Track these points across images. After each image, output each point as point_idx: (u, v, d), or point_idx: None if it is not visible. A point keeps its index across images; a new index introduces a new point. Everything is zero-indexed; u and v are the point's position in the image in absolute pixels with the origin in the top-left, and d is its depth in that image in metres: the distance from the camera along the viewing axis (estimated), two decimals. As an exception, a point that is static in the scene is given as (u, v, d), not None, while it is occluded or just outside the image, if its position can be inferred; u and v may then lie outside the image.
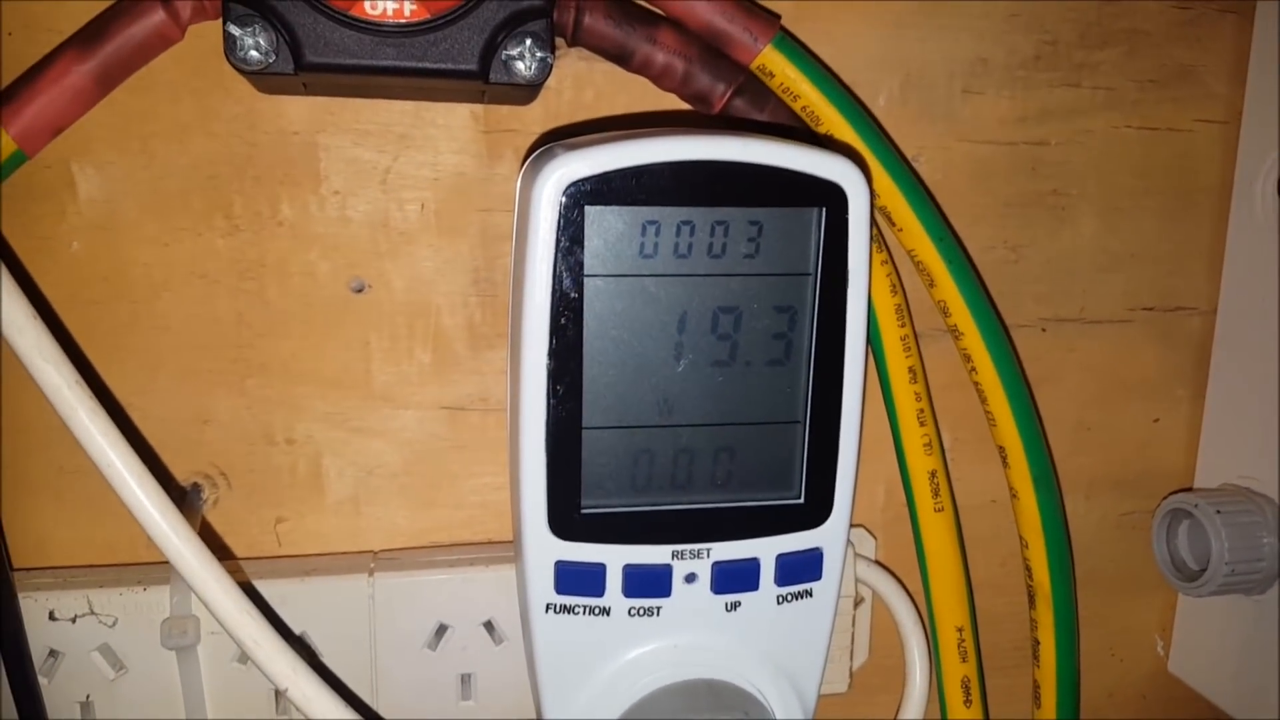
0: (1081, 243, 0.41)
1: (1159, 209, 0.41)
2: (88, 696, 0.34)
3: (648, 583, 0.30)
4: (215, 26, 0.31)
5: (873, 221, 0.29)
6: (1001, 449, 0.37)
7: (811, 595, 0.31)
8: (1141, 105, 0.40)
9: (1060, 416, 0.42)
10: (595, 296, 0.28)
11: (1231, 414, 0.41)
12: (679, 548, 0.30)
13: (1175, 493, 0.42)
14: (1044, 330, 0.41)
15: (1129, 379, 0.42)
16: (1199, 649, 0.44)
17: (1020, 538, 0.38)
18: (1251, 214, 0.40)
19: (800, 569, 0.31)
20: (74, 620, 0.34)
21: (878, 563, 0.40)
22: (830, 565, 0.31)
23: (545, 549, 0.29)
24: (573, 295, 0.28)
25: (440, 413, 0.37)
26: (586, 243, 0.28)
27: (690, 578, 0.30)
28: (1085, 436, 0.42)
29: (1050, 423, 0.41)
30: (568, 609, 0.30)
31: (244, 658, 0.35)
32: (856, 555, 0.39)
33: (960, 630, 0.37)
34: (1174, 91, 0.40)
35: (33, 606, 0.33)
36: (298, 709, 0.29)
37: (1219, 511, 0.39)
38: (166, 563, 0.30)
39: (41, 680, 0.34)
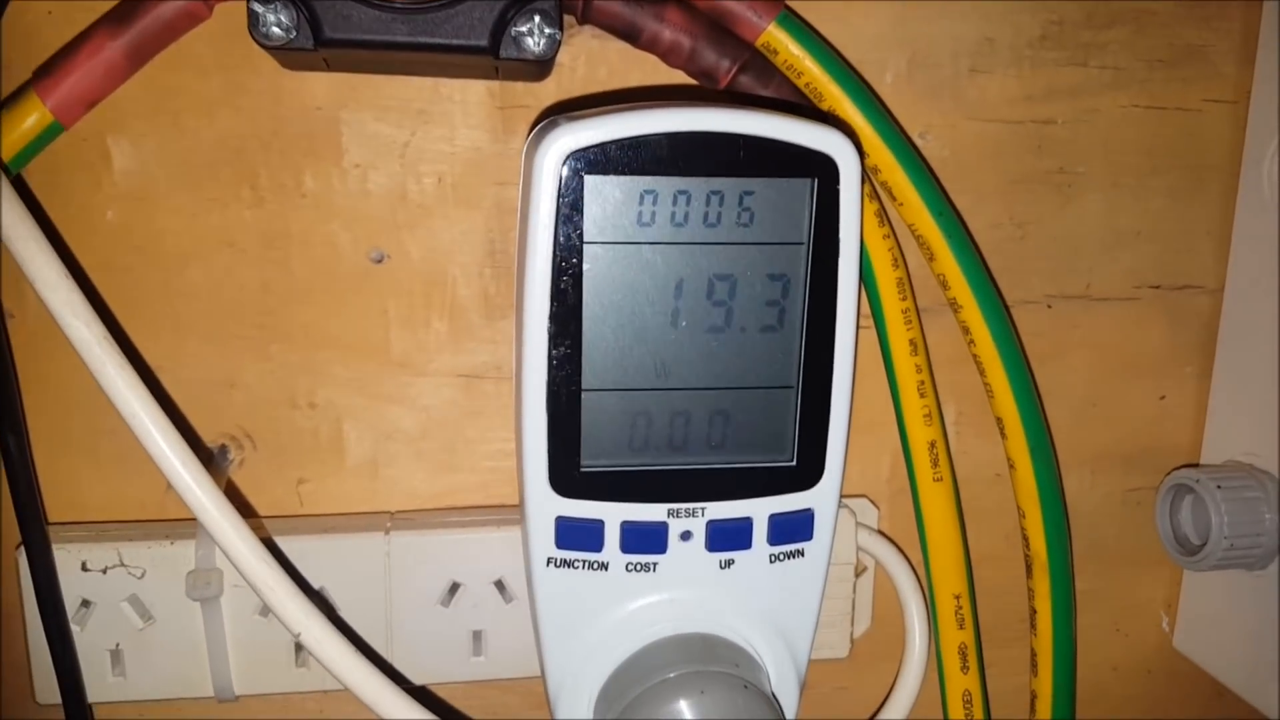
0: (1088, 220, 0.41)
1: (1166, 188, 0.41)
2: (117, 645, 0.36)
3: (644, 539, 0.31)
4: (242, 5, 0.32)
5: (864, 192, 0.30)
6: (999, 420, 0.38)
7: (803, 555, 0.32)
8: (1149, 85, 0.40)
9: (1066, 393, 0.42)
10: (594, 263, 0.29)
11: (1237, 392, 0.42)
12: (675, 506, 0.31)
13: (1179, 468, 0.42)
14: (1050, 307, 0.42)
15: (1135, 356, 0.43)
16: (1204, 625, 0.44)
17: (1018, 508, 0.39)
18: (1259, 193, 0.40)
19: (792, 529, 0.32)
20: (105, 571, 0.35)
21: (880, 532, 0.41)
22: (821, 526, 0.32)
23: (546, 505, 0.31)
24: (573, 261, 0.29)
25: (456, 380, 0.39)
26: (586, 211, 0.29)
27: (685, 535, 0.31)
28: (1091, 413, 0.43)
29: (1056, 399, 0.42)
30: (568, 563, 0.31)
31: (265, 610, 0.36)
32: (859, 524, 0.40)
33: (958, 598, 0.38)
34: (1182, 71, 0.41)
35: (66, 558, 0.35)
36: (311, 653, 0.31)
37: (1220, 486, 0.39)
38: (192, 519, 0.32)
39: (74, 628, 0.35)
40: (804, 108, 0.35)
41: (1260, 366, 0.40)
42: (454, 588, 0.37)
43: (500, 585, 0.38)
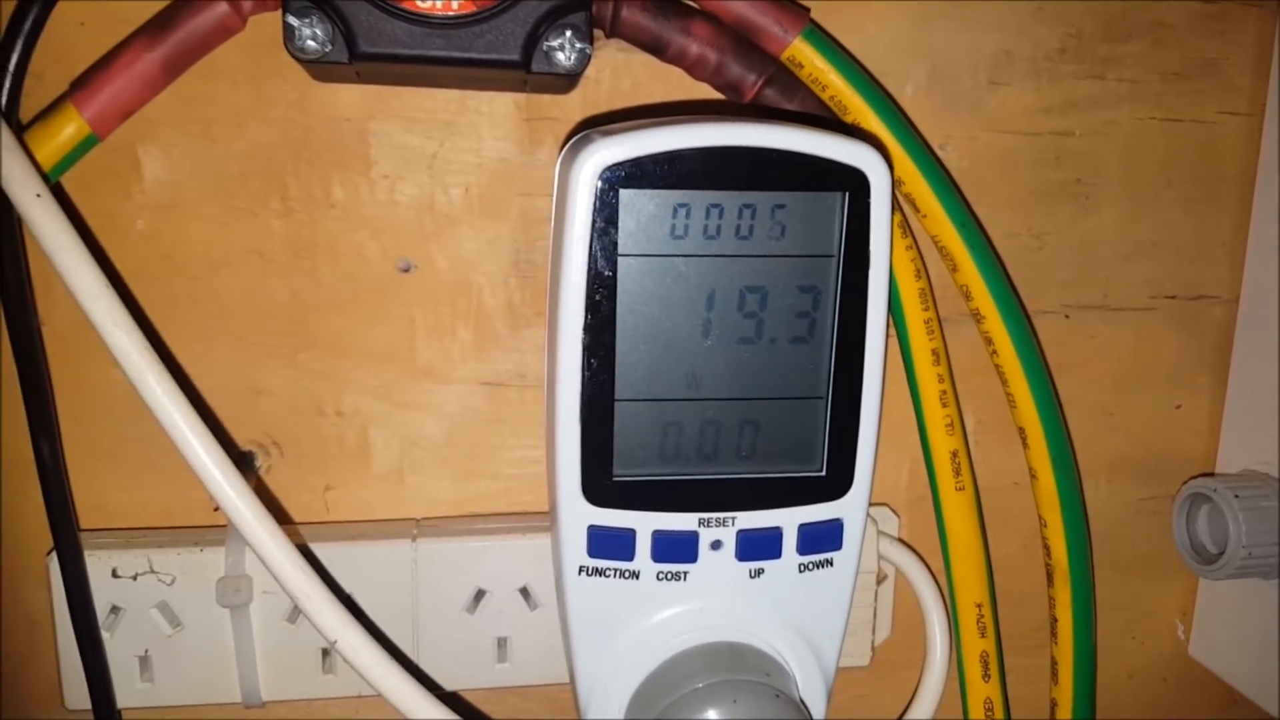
0: (1105, 231, 0.42)
1: (1182, 199, 0.42)
2: (146, 651, 0.36)
3: (675, 548, 0.31)
4: (274, 17, 0.33)
5: (894, 206, 0.30)
6: (1021, 430, 0.38)
7: (832, 564, 0.33)
8: (1165, 97, 0.41)
9: (1083, 402, 0.43)
10: (628, 275, 0.30)
11: (1253, 401, 0.42)
12: (705, 516, 0.31)
13: (1196, 477, 0.43)
14: (1067, 317, 0.42)
15: (1151, 366, 0.43)
16: (1220, 633, 0.44)
17: (1039, 517, 0.39)
18: (1273, 204, 0.41)
19: (821, 539, 0.32)
20: (135, 578, 0.36)
21: (901, 540, 0.41)
22: (850, 536, 0.32)
23: (579, 514, 0.31)
24: (607, 274, 0.29)
25: (480, 388, 0.39)
26: (620, 224, 0.29)
27: (716, 544, 0.32)
28: (1107, 422, 0.43)
29: (1073, 408, 0.42)
30: (599, 572, 0.32)
31: (294, 616, 0.36)
32: (880, 533, 0.40)
33: (979, 606, 0.39)
34: (1197, 84, 0.41)
35: (97, 564, 0.35)
36: (346, 660, 0.31)
37: (1237, 496, 0.40)
38: (222, 526, 0.32)
39: (104, 634, 0.36)
40: (830, 120, 0.36)
41: (1275, 376, 0.41)
42: (479, 594, 0.38)
43: (525, 592, 0.38)
